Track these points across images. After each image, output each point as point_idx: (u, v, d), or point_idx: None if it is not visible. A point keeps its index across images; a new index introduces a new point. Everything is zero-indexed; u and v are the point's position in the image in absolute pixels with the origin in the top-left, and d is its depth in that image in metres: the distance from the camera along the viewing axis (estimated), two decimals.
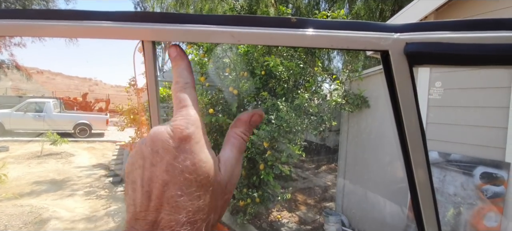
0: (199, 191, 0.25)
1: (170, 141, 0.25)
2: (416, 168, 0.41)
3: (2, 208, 4.33)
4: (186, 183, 0.24)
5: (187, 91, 0.29)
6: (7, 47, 10.27)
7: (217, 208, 0.27)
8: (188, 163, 0.25)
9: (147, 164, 0.25)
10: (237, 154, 0.30)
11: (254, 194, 3.61)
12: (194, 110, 0.28)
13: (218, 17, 0.33)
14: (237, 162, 0.30)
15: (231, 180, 0.29)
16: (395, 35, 0.32)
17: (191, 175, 0.25)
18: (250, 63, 4.07)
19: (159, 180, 0.25)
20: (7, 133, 9.58)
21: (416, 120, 0.37)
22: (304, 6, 9.56)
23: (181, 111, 0.27)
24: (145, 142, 0.26)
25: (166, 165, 0.25)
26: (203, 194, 0.25)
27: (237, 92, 3.78)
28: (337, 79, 4.35)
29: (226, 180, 0.28)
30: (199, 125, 0.27)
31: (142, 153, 0.26)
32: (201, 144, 0.26)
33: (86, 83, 25.66)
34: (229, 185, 0.28)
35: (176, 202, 0.24)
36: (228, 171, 0.28)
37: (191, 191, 0.24)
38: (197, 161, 0.25)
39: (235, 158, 0.30)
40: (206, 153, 0.26)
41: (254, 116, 0.33)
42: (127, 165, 0.28)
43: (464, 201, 2.55)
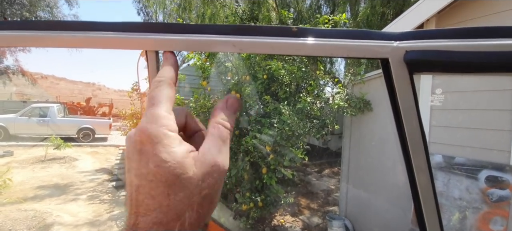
0: (167, 190, 0.25)
1: (135, 145, 0.26)
2: (418, 173, 0.41)
3: (6, 212, 4.35)
4: (153, 185, 0.25)
5: (157, 89, 0.29)
6: (12, 53, 10.41)
7: (192, 205, 0.26)
8: (151, 165, 0.25)
9: (126, 169, 0.27)
10: (218, 144, 0.28)
11: (257, 198, 3.60)
12: (159, 107, 0.27)
13: (220, 27, 0.33)
14: (219, 152, 0.28)
15: (210, 173, 0.26)
16: (395, 44, 0.33)
17: (155, 177, 0.25)
18: (252, 67, 4.08)
19: (133, 185, 0.26)
20: (11, 137, 9.67)
21: (417, 126, 0.38)
22: (306, 10, 9.60)
23: (146, 112, 0.27)
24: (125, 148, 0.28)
25: (135, 170, 0.26)
26: (172, 193, 0.25)
27: (239, 96, 3.79)
28: (339, 82, 4.35)
29: (201, 175, 0.26)
30: (163, 122, 0.26)
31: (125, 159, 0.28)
32: (165, 143, 0.25)
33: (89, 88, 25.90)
34: (207, 179, 0.26)
35: (147, 204, 0.25)
36: (205, 164, 0.26)
37: (159, 192, 0.25)
38: (159, 162, 0.25)
39: (216, 149, 0.28)
40: (169, 151, 0.25)
41: (229, 100, 0.31)
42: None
43: (469, 205, 2.52)
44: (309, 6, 9.69)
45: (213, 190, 0.27)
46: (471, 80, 2.60)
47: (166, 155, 0.25)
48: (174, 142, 0.26)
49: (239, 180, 3.76)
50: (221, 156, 0.28)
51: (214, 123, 0.30)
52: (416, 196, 0.43)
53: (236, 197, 3.79)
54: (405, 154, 0.40)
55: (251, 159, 3.60)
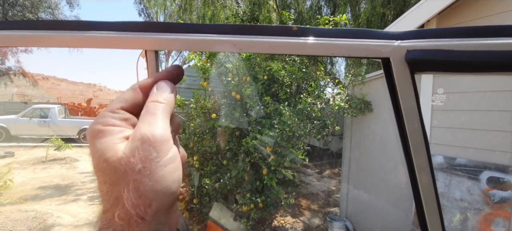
0: (103, 177, 0.26)
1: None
2: (420, 173, 0.40)
3: (7, 213, 4.36)
4: (97, 176, 0.26)
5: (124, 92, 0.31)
6: (14, 54, 10.45)
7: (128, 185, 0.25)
8: (92, 159, 0.27)
9: None
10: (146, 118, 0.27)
11: (257, 199, 3.59)
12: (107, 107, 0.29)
13: (220, 27, 0.33)
14: (146, 124, 0.27)
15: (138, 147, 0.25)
16: (396, 43, 0.33)
17: (95, 168, 0.26)
18: (253, 68, 4.08)
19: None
20: (13, 138, 9.69)
21: (418, 125, 0.37)
22: (306, 11, 9.61)
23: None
24: None
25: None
26: (108, 179, 0.25)
27: (239, 97, 3.79)
28: (340, 83, 4.34)
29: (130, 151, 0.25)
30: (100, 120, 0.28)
31: None
32: (99, 136, 0.27)
33: (90, 89, 25.95)
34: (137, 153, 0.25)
35: (99, 195, 0.27)
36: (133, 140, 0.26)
37: (99, 180, 0.26)
38: (94, 152, 0.26)
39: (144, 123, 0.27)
40: (101, 141, 0.26)
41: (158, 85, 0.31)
42: None
43: (471, 206, 2.51)
44: (310, 7, 9.70)
45: (148, 162, 0.25)
46: (473, 80, 2.59)
47: (98, 144, 0.26)
48: (107, 133, 0.27)
49: (240, 181, 3.76)
50: (149, 126, 0.26)
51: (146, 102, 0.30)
52: (418, 197, 0.43)
53: (236, 198, 3.78)
54: (406, 154, 0.40)
55: (251, 160, 3.60)
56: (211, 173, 3.86)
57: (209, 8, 10.34)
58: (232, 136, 3.82)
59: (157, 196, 0.25)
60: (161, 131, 0.27)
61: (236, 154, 3.80)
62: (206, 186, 3.80)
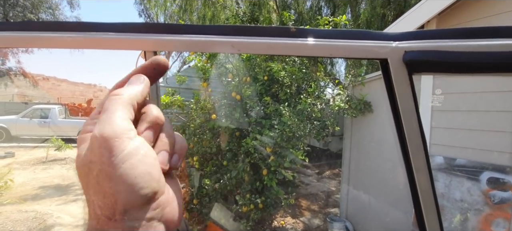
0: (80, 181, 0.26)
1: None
2: (418, 174, 0.40)
3: (7, 213, 4.36)
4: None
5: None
6: (14, 54, 10.46)
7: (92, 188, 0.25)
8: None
9: None
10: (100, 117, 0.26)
11: (257, 199, 3.59)
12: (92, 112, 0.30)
13: (219, 28, 0.33)
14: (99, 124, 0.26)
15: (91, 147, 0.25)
16: (394, 44, 0.33)
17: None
18: (253, 68, 4.09)
19: None
20: (13, 139, 9.70)
21: (416, 126, 0.37)
22: (306, 12, 9.62)
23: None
24: None
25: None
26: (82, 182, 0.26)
27: (239, 98, 3.79)
28: (340, 84, 4.34)
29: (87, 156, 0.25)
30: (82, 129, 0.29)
31: None
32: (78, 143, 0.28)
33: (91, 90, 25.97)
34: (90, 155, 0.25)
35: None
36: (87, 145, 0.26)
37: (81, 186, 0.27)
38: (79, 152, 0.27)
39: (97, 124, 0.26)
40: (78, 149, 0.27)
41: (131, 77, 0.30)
42: None
43: (471, 207, 2.50)
44: (310, 8, 9.71)
45: (103, 164, 0.24)
46: (472, 81, 2.59)
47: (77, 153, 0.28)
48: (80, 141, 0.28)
49: (240, 181, 3.76)
50: (99, 126, 0.25)
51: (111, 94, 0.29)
52: (416, 198, 0.43)
53: (236, 199, 3.78)
54: (404, 155, 0.40)
55: (251, 161, 3.60)
56: (211, 174, 3.86)
57: (209, 9, 10.36)
58: (232, 136, 3.82)
59: (121, 195, 0.24)
60: (110, 127, 0.25)
61: (236, 155, 3.80)
62: (206, 186, 3.80)
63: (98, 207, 0.24)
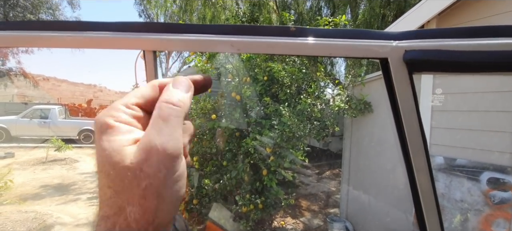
0: (107, 181, 0.23)
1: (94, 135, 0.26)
2: (418, 174, 0.40)
3: (7, 214, 4.35)
4: (99, 176, 0.24)
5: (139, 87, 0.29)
6: (14, 54, 10.46)
7: (133, 199, 0.23)
8: (97, 155, 0.24)
9: None
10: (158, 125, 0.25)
11: (257, 200, 3.59)
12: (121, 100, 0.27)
13: (218, 27, 0.33)
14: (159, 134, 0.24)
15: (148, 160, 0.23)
16: (394, 43, 0.33)
17: (98, 167, 0.24)
18: (253, 69, 4.09)
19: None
20: (13, 139, 9.70)
21: (417, 126, 0.37)
22: (306, 12, 9.62)
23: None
24: None
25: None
26: (112, 184, 0.23)
27: (239, 98, 3.79)
28: (340, 84, 4.34)
29: (138, 163, 0.23)
30: (112, 112, 0.25)
31: None
32: (108, 132, 0.24)
33: (90, 90, 25.98)
34: (145, 167, 0.23)
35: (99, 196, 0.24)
36: (141, 151, 0.23)
37: (103, 183, 0.24)
38: (100, 150, 0.24)
39: (154, 131, 0.24)
40: (109, 139, 0.24)
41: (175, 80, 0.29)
42: None
43: (471, 207, 2.50)
44: (310, 8, 9.71)
45: (156, 180, 0.23)
46: (472, 81, 2.59)
47: (106, 143, 0.24)
48: (117, 131, 0.24)
49: (239, 181, 3.75)
50: (161, 137, 0.24)
51: (157, 102, 0.27)
52: (417, 198, 0.43)
53: (236, 199, 3.78)
54: (405, 155, 0.40)
55: (251, 161, 3.59)
56: (211, 174, 3.86)
57: (209, 9, 10.37)
58: (232, 136, 3.82)
59: (160, 214, 0.23)
60: (174, 144, 0.24)
61: (235, 155, 3.80)
62: (205, 186, 3.80)
63: (134, 220, 0.23)
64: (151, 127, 0.25)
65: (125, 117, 0.26)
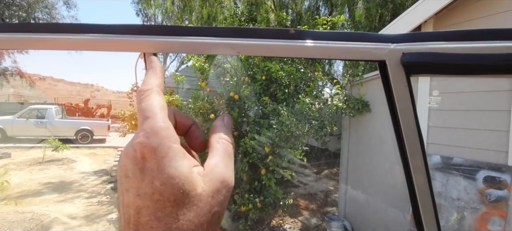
0: (175, 210, 0.22)
1: (135, 162, 0.23)
2: (415, 173, 0.41)
3: (3, 214, 4.32)
4: (159, 206, 0.22)
5: (147, 99, 0.26)
6: (10, 54, 10.37)
7: (202, 226, 0.23)
8: (156, 183, 0.22)
9: (123, 188, 0.24)
10: (225, 159, 0.27)
11: (255, 199, 3.60)
12: (156, 119, 0.25)
13: (218, 29, 0.33)
14: (226, 168, 0.27)
15: (219, 190, 0.25)
16: (392, 46, 0.33)
17: (162, 196, 0.22)
18: (251, 68, 4.09)
19: (133, 206, 0.23)
20: (9, 139, 9.62)
21: (414, 127, 0.38)
22: (304, 11, 9.64)
23: (142, 124, 0.25)
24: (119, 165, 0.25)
25: (136, 189, 0.23)
26: (181, 213, 0.22)
27: (238, 98, 3.79)
28: (338, 83, 4.36)
29: (211, 191, 0.24)
30: (165, 134, 0.24)
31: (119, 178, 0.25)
32: (170, 157, 0.23)
33: (88, 90, 25.83)
34: (217, 195, 0.24)
35: (151, 227, 0.22)
36: (214, 180, 0.25)
37: (166, 212, 0.22)
38: (166, 178, 0.22)
39: (223, 164, 0.27)
40: (176, 166, 0.23)
41: (225, 118, 0.32)
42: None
43: (467, 205, 2.53)
44: (308, 8, 9.73)
45: (222, 207, 0.25)
46: (468, 81, 2.61)
47: (173, 170, 0.23)
48: (178, 155, 0.24)
49: (238, 181, 3.76)
50: (229, 171, 0.27)
51: (218, 138, 0.29)
52: (414, 197, 0.43)
53: (234, 199, 3.79)
54: (402, 155, 0.41)
55: (249, 160, 3.60)
56: None
57: (206, 9, 10.35)
58: None
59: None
60: (233, 179, 0.28)
61: (234, 154, 3.80)
62: None
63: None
64: (219, 159, 0.27)
65: (176, 137, 0.25)
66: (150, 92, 0.27)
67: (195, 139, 0.32)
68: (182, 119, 0.32)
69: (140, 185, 0.23)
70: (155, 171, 0.23)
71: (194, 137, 0.32)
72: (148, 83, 0.28)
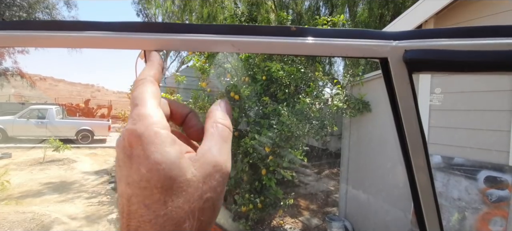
0: (163, 197, 0.22)
1: (124, 150, 0.23)
2: (418, 173, 0.41)
3: (4, 215, 4.33)
4: (146, 193, 0.22)
5: (140, 87, 0.26)
6: (11, 54, 10.39)
7: (193, 212, 0.23)
8: (143, 170, 0.22)
9: (117, 179, 0.24)
10: (219, 143, 0.26)
11: (256, 199, 3.59)
12: (144, 106, 0.24)
13: (219, 27, 0.33)
14: (220, 152, 0.25)
15: (212, 174, 0.24)
16: (394, 43, 0.33)
17: (148, 183, 0.22)
18: (251, 68, 4.09)
19: (125, 194, 0.23)
20: (10, 139, 9.63)
21: (416, 125, 0.37)
22: (305, 11, 9.63)
23: (131, 113, 0.25)
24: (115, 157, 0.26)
25: (126, 177, 0.23)
26: (169, 199, 0.22)
27: (238, 98, 3.79)
28: (338, 84, 4.36)
29: (202, 177, 0.23)
30: (151, 121, 0.23)
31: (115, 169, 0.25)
32: (156, 143, 0.22)
33: (88, 90, 25.88)
34: (209, 181, 0.24)
35: (141, 215, 0.22)
36: (206, 164, 0.24)
37: (154, 199, 0.22)
38: (152, 164, 0.22)
39: (217, 148, 0.25)
40: (162, 152, 0.22)
41: (222, 103, 0.31)
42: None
43: (469, 206, 2.52)
44: (308, 8, 9.72)
45: (215, 193, 0.24)
46: (470, 80, 2.61)
47: (159, 155, 0.22)
48: (166, 141, 0.23)
49: (238, 181, 3.76)
50: (223, 156, 0.25)
51: (213, 122, 0.28)
52: (416, 197, 0.43)
53: (235, 199, 3.78)
54: (404, 153, 0.40)
55: (250, 160, 3.60)
56: None
57: (207, 9, 10.35)
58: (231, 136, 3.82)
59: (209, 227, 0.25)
60: (230, 164, 0.27)
61: (234, 155, 3.80)
62: None
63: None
64: (212, 143, 0.26)
65: (165, 122, 0.24)
66: (144, 81, 0.27)
67: (192, 127, 0.31)
68: (178, 108, 0.31)
69: (129, 173, 0.23)
70: (142, 157, 0.22)
71: (190, 125, 0.31)
72: (143, 73, 0.29)
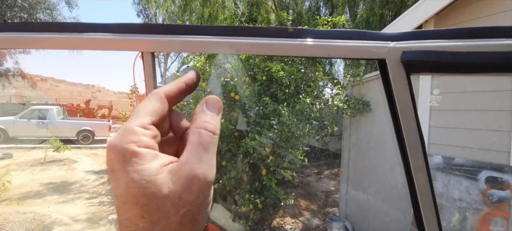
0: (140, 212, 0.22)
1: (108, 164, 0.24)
2: (416, 173, 0.41)
3: (5, 215, 4.34)
4: (127, 207, 0.23)
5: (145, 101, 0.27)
6: (12, 55, 10.41)
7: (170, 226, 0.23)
8: (121, 186, 0.23)
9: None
10: (198, 152, 0.25)
11: (256, 200, 3.59)
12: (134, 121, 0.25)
13: (216, 28, 0.33)
14: (199, 162, 0.24)
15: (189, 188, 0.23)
16: (392, 44, 0.33)
17: (126, 199, 0.22)
18: (252, 68, 4.09)
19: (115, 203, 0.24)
20: (11, 140, 9.65)
21: (414, 126, 0.37)
22: (305, 12, 9.63)
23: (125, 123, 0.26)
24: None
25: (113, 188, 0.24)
26: (146, 215, 0.22)
27: (238, 98, 3.79)
28: (339, 84, 4.35)
29: (177, 192, 0.23)
30: (133, 138, 0.23)
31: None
32: (133, 162, 0.23)
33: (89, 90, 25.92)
34: (185, 195, 0.23)
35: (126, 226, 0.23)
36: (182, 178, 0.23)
37: (133, 214, 0.22)
38: (128, 182, 0.22)
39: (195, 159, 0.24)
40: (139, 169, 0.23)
41: (209, 101, 0.29)
42: None
43: (469, 206, 2.51)
44: (308, 8, 9.72)
45: (194, 206, 0.24)
46: (470, 80, 2.60)
47: (134, 174, 0.22)
48: (143, 159, 0.23)
49: (239, 181, 3.75)
50: (202, 166, 0.24)
51: (194, 128, 0.26)
52: (415, 197, 0.43)
53: (235, 199, 3.78)
54: (403, 155, 0.40)
55: (250, 161, 3.59)
56: None
57: (207, 9, 10.36)
58: (231, 136, 3.82)
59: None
60: (212, 172, 0.25)
61: (235, 155, 3.80)
62: None
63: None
64: (191, 154, 0.24)
65: (146, 140, 0.24)
66: (151, 95, 0.27)
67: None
68: (180, 122, 0.31)
69: (114, 184, 0.24)
70: (121, 173, 0.23)
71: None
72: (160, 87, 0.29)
